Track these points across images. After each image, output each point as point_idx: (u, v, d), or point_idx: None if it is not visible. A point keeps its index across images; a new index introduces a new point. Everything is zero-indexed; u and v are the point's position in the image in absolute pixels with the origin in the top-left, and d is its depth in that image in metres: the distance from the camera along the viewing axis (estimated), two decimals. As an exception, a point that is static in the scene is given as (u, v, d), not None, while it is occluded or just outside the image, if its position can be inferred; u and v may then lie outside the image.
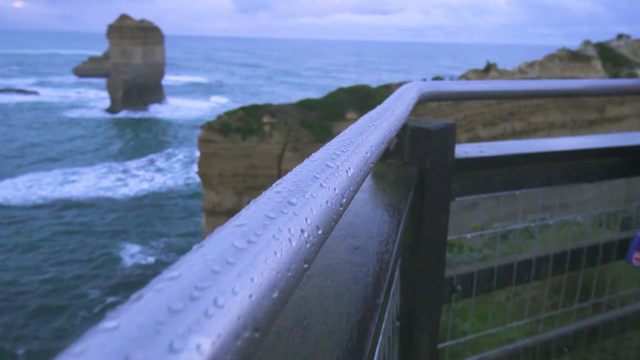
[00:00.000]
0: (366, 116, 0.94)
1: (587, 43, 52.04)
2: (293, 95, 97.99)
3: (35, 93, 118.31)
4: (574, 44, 54.71)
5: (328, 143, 0.66)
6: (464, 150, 1.98)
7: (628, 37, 53.85)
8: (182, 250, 42.50)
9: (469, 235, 2.19)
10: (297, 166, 0.52)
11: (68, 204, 51.57)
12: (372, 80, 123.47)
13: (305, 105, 34.93)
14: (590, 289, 2.68)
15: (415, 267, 1.81)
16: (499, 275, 2.27)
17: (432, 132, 1.70)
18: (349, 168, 0.56)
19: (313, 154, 0.58)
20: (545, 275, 2.41)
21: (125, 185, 58.14)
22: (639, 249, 2.27)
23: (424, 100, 1.72)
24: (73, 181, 58.04)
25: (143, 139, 79.96)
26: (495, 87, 2.04)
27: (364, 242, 1.05)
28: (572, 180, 2.25)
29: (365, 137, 0.74)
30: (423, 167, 1.72)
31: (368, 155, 0.68)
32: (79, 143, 76.55)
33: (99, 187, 56.45)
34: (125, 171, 63.23)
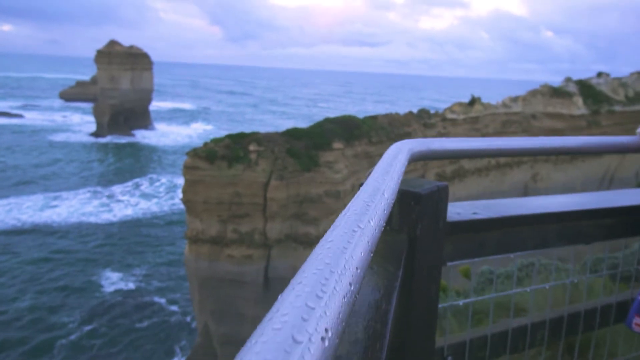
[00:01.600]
0: (350, 211, 0.81)
1: (568, 80, 53.30)
2: (279, 124, 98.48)
3: (19, 116, 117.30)
4: (556, 79, 56.10)
5: (299, 278, 0.51)
6: (456, 211, 1.88)
7: (608, 75, 55.29)
8: (164, 278, 41.84)
9: (460, 302, 2.10)
10: (248, 348, 0.39)
11: (49, 230, 50.63)
12: (358, 110, 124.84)
13: (292, 134, 35.02)
14: (587, 353, 2.59)
15: (403, 341, 1.68)
16: (492, 344, 2.16)
17: (422, 197, 1.58)
18: (327, 331, 0.43)
19: (277, 305, 0.45)
20: (541, 342, 2.31)
21: (109, 210, 57.41)
22: (639, 314, 2.21)
23: (415, 160, 1.64)
24: (54, 206, 57.12)
25: (128, 164, 79.38)
26: (489, 145, 1.95)
27: (347, 349, 0.88)
28: (568, 242, 2.17)
29: (349, 255, 0.60)
30: (413, 234, 1.60)
31: (352, 287, 0.55)
32: (63, 167, 75.74)
33: (81, 213, 55.62)
34: (110, 196, 62.53)
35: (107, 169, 76.82)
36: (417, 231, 1.59)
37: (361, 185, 1.68)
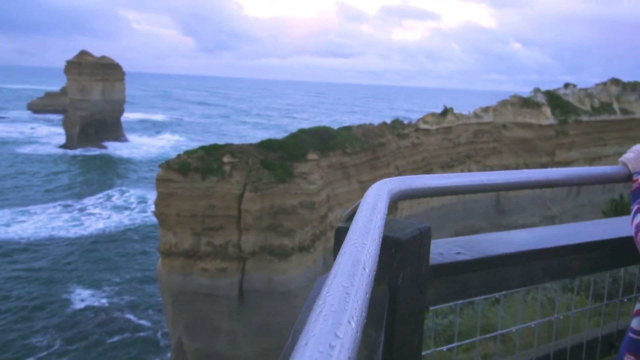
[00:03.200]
0: (326, 307, 0.69)
1: (537, 91, 54.53)
2: (253, 135, 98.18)
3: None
4: (524, 90, 57.32)
5: None
6: (439, 251, 1.78)
7: (574, 86, 56.78)
8: (136, 293, 40.98)
9: (445, 348, 2.02)
10: None
11: (16, 246, 49.12)
12: (331, 120, 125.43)
13: (267, 145, 34.85)
14: None
15: None
16: None
17: (404, 243, 1.48)
18: None
19: None
20: None
21: (80, 224, 56.10)
22: (629, 351, 2.15)
23: (396, 200, 1.53)
24: (22, 221, 55.53)
25: (99, 177, 77.89)
26: (472, 181, 1.87)
27: None
28: (553, 277, 2.13)
29: None
30: (394, 283, 1.48)
31: None
32: (30, 180, 73.82)
33: (50, 227, 54.20)
34: (81, 209, 61.16)
35: (76, 181, 75.21)
36: (399, 280, 1.48)
37: (337, 230, 1.54)
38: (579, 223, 2.51)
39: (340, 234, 1.48)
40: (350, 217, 1.49)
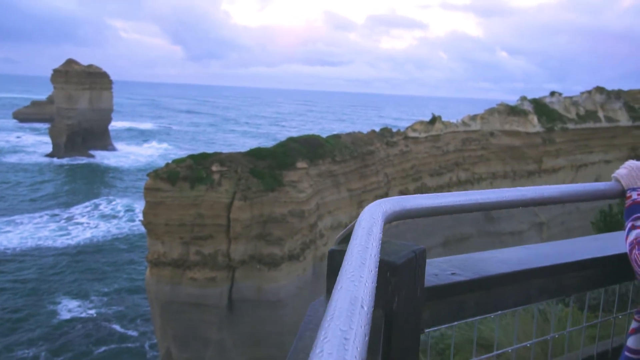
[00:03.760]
0: (324, 356, 0.64)
1: (523, 99, 55.09)
2: (242, 143, 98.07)
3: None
4: (510, 98, 57.82)
5: None
6: (433, 272, 1.75)
7: (560, 94, 57.48)
8: (124, 303, 40.55)
9: None
10: None
11: (1, 256, 48.41)
12: (320, 128, 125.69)
13: (256, 153, 34.79)
14: None
15: None
16: None
17: (399, 267, 1.44)
18: None
19: None
20: None
21: (67, 234, 55.48)
22: None
23: (390, 222, 1.50)
24: (7, 231, 54.80)
25: (85, 186, 77.18)
26: (467, 200, 1.86)
27: None
28: (550, 296, 2.11)
29: None
30: (390, 308, 1.44)
31: None
32: (16, 189, 72.96)
33: (37, 237, 53.53)
34: (68, 219, 60.50)
35: (63, 190, 74.45)
36: (394, 305, 1.45)
37: (331, 253, 1.52)
38: (573, 240, 2.51)
39: (334, 258, 1.46)
40: (343, 239, 1.47)
